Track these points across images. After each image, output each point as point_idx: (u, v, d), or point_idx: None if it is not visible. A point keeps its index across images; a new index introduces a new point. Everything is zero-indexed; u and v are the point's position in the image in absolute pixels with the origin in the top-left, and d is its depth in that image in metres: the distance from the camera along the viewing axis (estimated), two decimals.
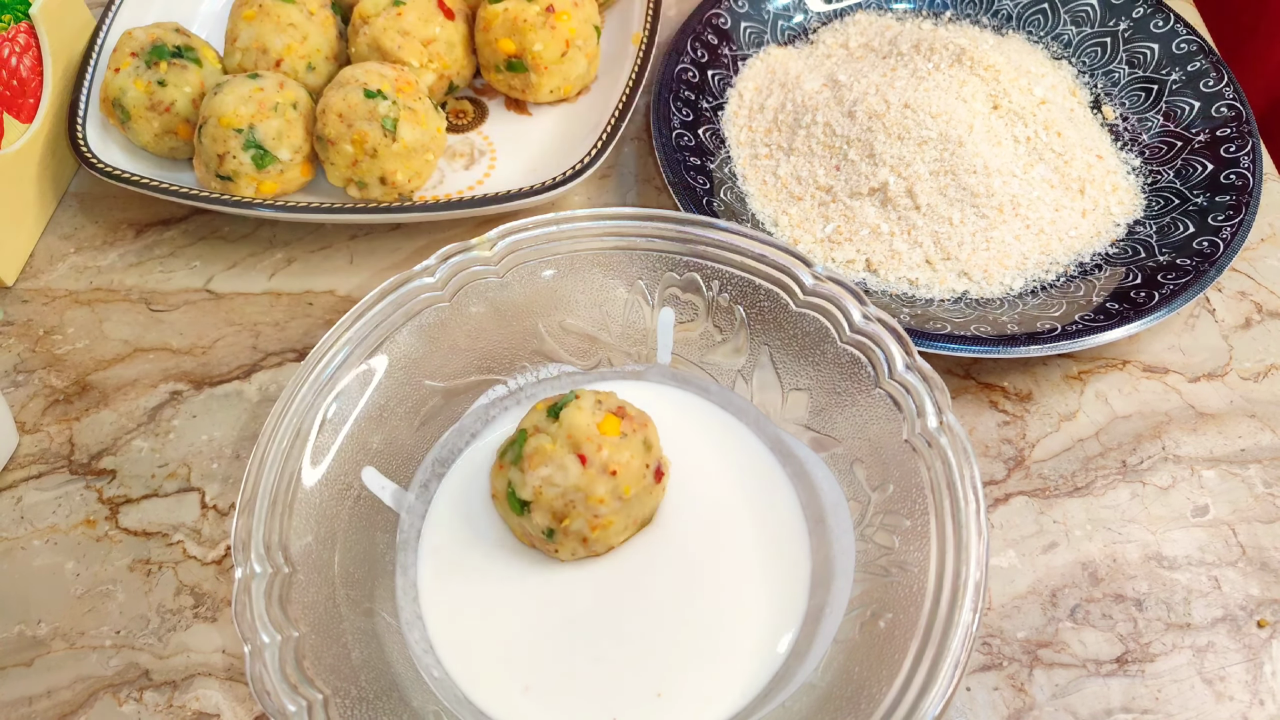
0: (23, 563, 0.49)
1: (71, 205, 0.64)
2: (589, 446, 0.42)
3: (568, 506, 0.42)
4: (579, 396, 0.43)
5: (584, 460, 0.41)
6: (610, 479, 0.42)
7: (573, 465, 0.41)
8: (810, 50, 0.68)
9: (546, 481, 0.42)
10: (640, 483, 0.43)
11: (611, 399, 0.44)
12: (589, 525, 0.42)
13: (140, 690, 0.45)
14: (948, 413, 0.42)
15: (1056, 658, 0.45)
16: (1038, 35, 0.69)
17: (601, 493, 0.42)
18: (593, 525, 0.42)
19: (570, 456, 0.42)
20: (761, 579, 0.45)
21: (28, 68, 0.60)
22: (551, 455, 0.42)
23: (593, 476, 0.41)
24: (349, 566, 0.44)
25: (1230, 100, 0.61)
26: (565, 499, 0.42)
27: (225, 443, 0.53)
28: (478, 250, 0.48)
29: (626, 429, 0.43)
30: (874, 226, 0.57)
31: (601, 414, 0.43)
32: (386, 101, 0.56)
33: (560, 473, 0.42)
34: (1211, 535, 0.49)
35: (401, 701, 0.41)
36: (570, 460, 0.42)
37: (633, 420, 0.44)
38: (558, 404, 0.43)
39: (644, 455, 0.43)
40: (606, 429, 0.42)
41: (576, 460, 0.41)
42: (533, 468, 0.42)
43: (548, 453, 0.42)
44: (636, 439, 0.43)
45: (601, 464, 0.42)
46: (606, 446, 0.42)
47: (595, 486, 0.41)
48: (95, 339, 0.58)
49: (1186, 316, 0.57)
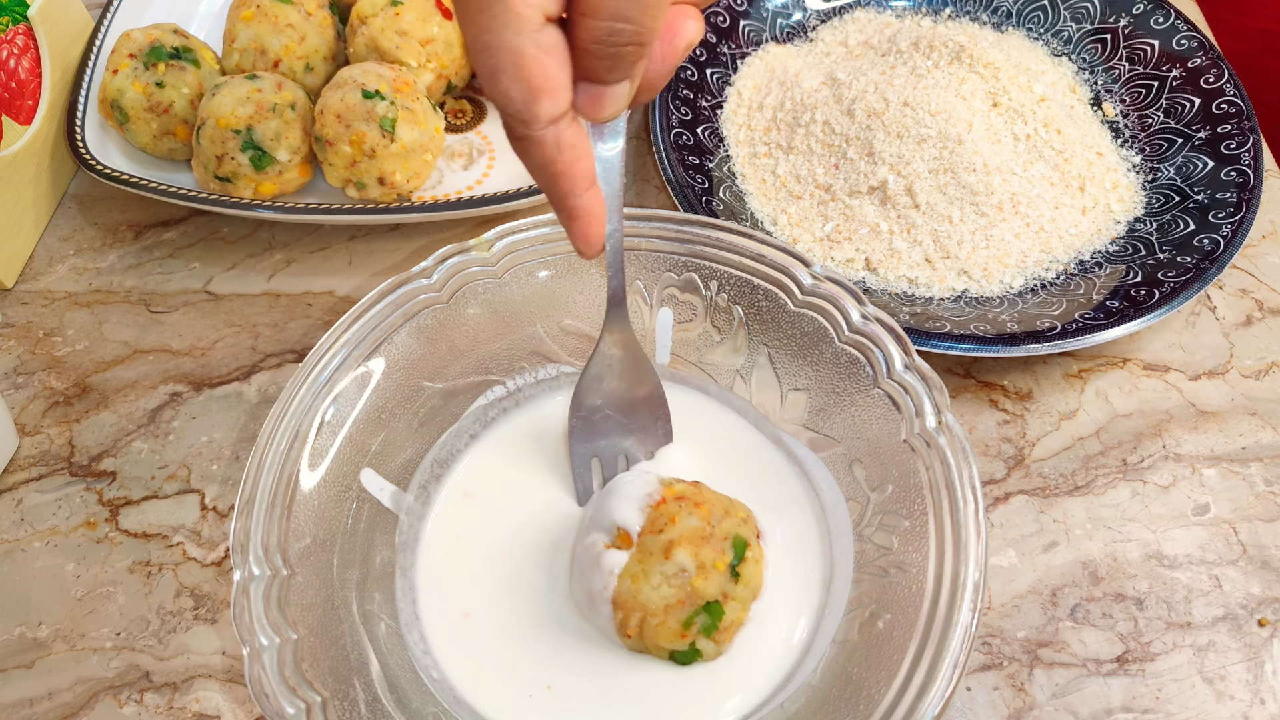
0: (23, 565, 0.49)
1: (70, 207, 0.64)
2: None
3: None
4: (750, 546, 0.42)
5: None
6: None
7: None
8: (809, 48, 0.68)
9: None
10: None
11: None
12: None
13: (141, 692, 0.45)
14: (946, 413, 0.42)
15: (1057, 657, 0.45)
16: (1037, 32, 0.68)
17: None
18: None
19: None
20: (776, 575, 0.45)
21: (26, 70, 0.60)
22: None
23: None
24: (347, 569, 0.44)
25: (1231, 97, 0.60)
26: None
27: (225, 444, 0.53)
28: (476, 251, 0.48)
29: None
30: (873, 225, 0.57)
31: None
32: (384, 102, 0.56)
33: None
34: (1212, 534, 0.49)
35: (400, 703, 0.41)
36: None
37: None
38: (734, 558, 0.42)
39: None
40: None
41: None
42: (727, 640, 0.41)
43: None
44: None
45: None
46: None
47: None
48: (95, 341, 0.58)
49: (1187, 314, 0.57)
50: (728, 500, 0.43)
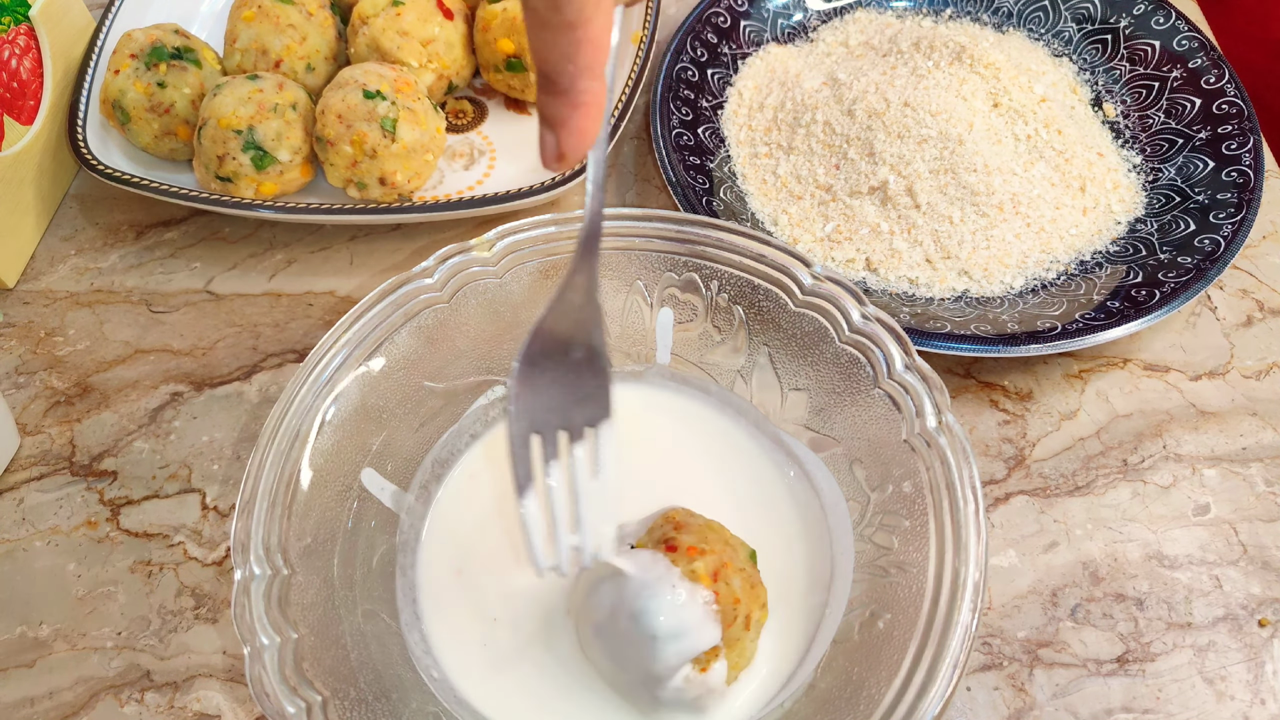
0: (24, 564, 0.49)
1: (72, 207, 0.64)
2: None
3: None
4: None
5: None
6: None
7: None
8: (810, 48, 0.68)
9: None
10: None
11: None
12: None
13: (141, 691, 0.46)
14: (947, 413, 0.42)
15: (1057, 657, 0.45)
16: (1038, 32, 0.68)
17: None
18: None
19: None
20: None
21: (28, 70, 0.60)
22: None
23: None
24: (348, 568, 0.44)
25: (1231, 97, 0.60)
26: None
27: (226, 444, 0.53)
28: (476, 251, 0.48)
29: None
30: (874, 225, 0.57)
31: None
32: (386, 102, 0.56)
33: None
34: (1213, 534, 0.49)
35: (401, 703, 0.41)
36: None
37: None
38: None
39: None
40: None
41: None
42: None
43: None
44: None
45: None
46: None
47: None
48: (96, 340, 0.58)
49: (1188, 315, 0.57)
50: (740, 555, 0.42)
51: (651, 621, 0.38)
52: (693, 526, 0.42)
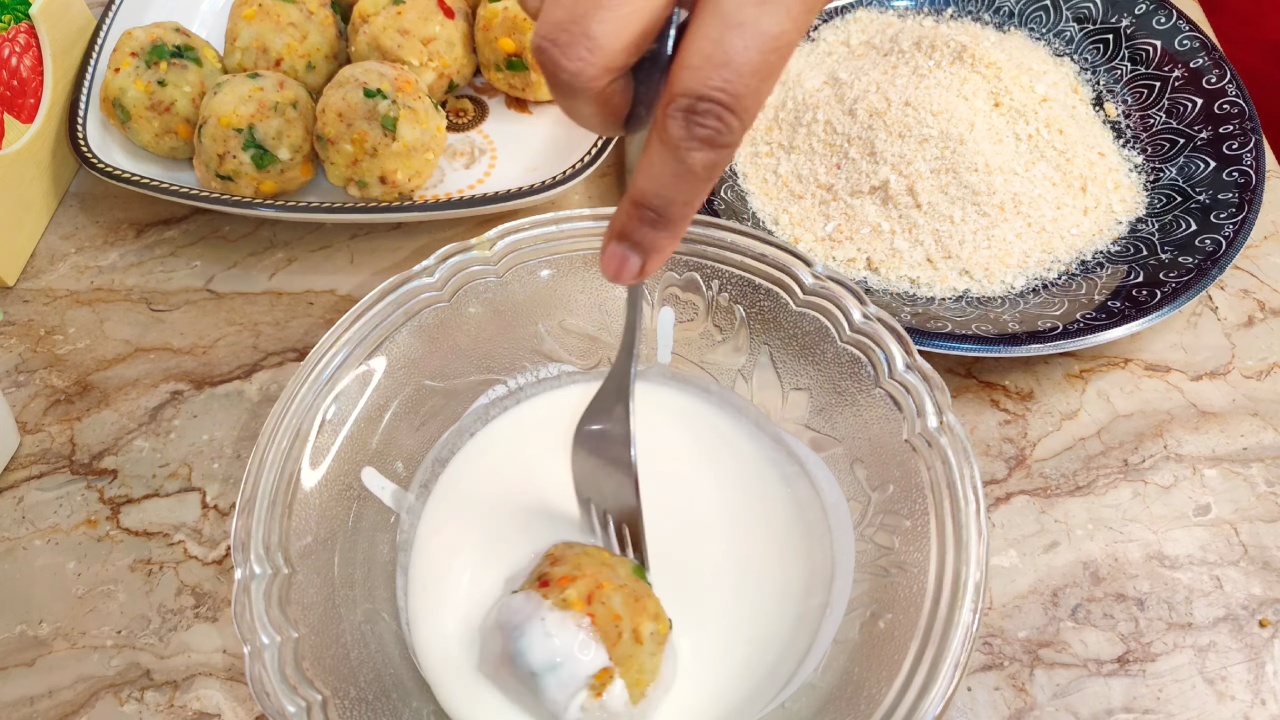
0: (24, 563, 0.49)
1: (72, 205, 0.64)
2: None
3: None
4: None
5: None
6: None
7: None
8: (811, 48, 0.68)
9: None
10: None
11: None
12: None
13: (141, 690, 0.45)
14: (948, 412, 0.42)
15: (1057, 657, 0.45)
16: (1039, 32, 0.68)
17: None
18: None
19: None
20: (756, 582, 0.45)
21: (28, 68, 0.60)
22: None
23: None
24: (348, 567, 0.44)
25: (1233, 97, 0.60)
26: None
27: (226, 442, 0.53)
28: (477, 250, 0.48)
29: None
30: (875, 225, 0.57)
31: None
32: (386, 100, 0.56)
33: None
34: (1213, 534, 0.49)
35: (401, 703, 0.41)
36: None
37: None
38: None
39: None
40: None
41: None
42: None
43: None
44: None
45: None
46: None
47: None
48: (96, 339, 0.58)
49: (1189, 315, 0.57)
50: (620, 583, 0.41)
51: (527, 659, 0.39)
52: (568, 557, 0.42)
